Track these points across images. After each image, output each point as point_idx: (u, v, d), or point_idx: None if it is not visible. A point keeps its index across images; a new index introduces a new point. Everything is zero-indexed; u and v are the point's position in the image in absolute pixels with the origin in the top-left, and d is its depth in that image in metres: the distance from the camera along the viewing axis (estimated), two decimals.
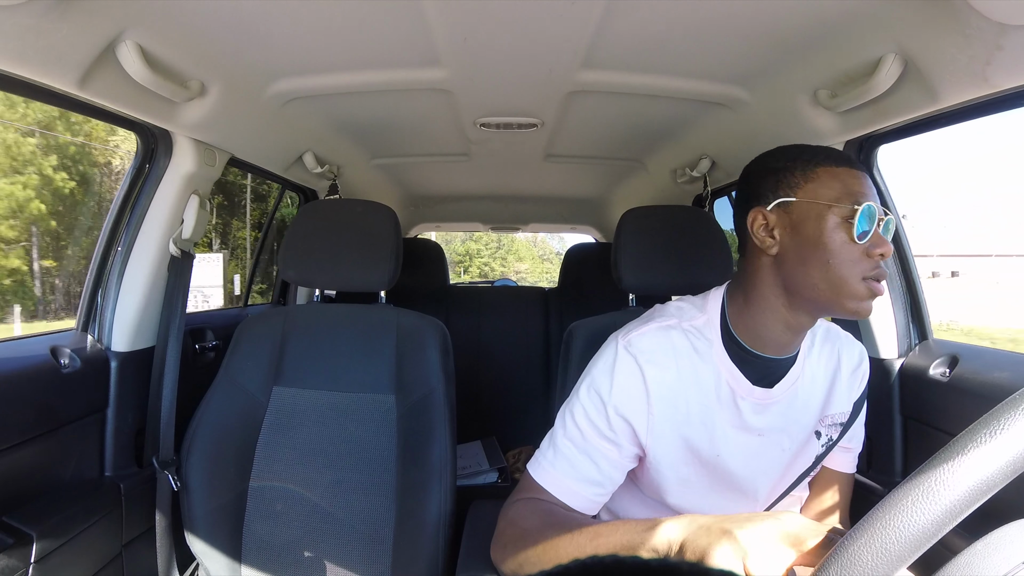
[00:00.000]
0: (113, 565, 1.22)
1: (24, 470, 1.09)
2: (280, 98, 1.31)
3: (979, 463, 0.36)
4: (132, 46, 0.93)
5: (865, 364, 0.99)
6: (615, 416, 0.87)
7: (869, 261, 0.80)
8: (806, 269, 0.82)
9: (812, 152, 0.86)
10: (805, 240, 0.82)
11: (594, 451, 0.87)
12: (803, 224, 0.82)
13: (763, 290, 0.88)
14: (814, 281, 0.81)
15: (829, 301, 0.82)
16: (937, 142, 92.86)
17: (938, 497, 0.37)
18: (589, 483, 0.88)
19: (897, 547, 0.37)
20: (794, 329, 0.88)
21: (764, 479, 0.93)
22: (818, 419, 0.94)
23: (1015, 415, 0.37)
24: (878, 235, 0.81)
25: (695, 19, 0.96)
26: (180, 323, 1.38)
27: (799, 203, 0.83)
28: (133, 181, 1.34)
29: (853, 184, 0.81)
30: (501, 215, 3.44)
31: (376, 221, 1.44)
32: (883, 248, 0.79)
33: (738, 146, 1.56)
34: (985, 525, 0.42)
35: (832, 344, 0.98)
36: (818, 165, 0.84)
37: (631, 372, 0.87)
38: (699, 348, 0.90)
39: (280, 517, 1.30)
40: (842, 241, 0.79)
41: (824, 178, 0.82)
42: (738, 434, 0.90)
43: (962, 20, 0.77)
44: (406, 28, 1.01)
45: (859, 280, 0.79)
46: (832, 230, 0.80)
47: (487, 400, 2.61)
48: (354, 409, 1.36)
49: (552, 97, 1.35)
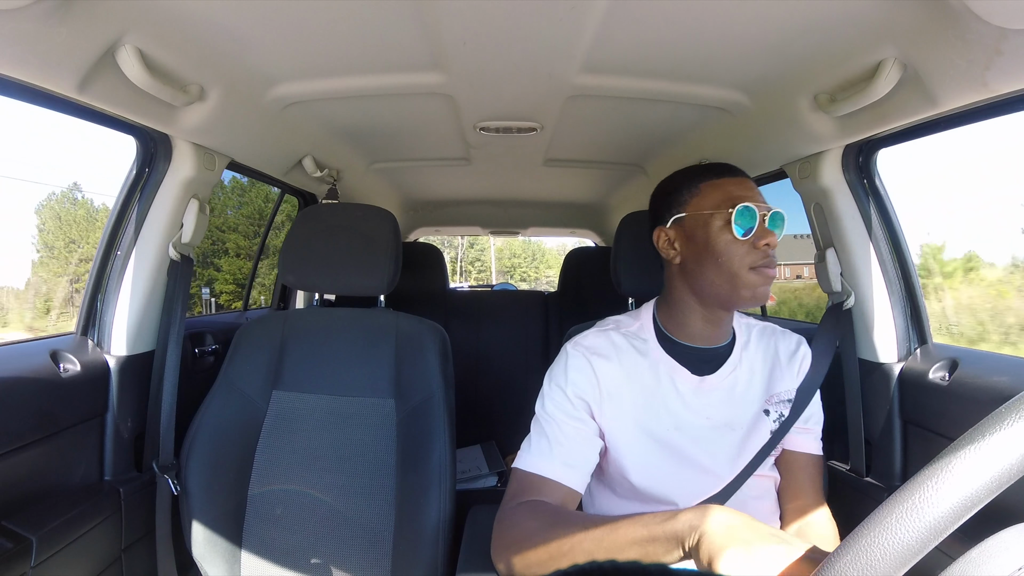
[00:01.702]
0: (112, 569, 1.22)
1: (24, 474, 1.09)
2: (280, 102, 1.31)
3: (963, 479, 0.36)
4: (132, 50, 0.93)
5: (803, 349, 1.10)
6: (574, 397, 0.98)
7: (756, 252, 0.93)
8: (703, 271, 0.97)
9: (696, 171, 1.03)
10: (698, 247, 0.97)
11: (565, 433, 0.96)
12: (695, 233, 0.98)
13: (677, 295, 1.04)
14: (712, 279, 0.96)
15: (728, 294, 0.96)
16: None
17: (922, 514, 0.36)
18: (568, 467, 0.94)
19: (883, 564, 0.37)
20: (713, 322, 1.02)
21: (721, 457, 1.00)
22: (763, 399, 1.04)
23: (999, 429, 0.37)
24: (763, 229, 0.93)
25: (695, 23, 0.96)
26: (180, 327, 1.38)
27: (688, 216, 0.99)
28: (132, 185, 1.34)
29: (731, 190, 0.96)
30: (501, 219, 3.44)
31: (375, 225, 1.44)
32: (767, 239, 0.92)
33: (738, 150, 1.56)
34: (985, 527, 0.42)
35: (768, 338, 1.10)
36: (701, 181, 1.00)
37: (581, 363, 1.01)
38: (637, 346, 1.04)
39: (280, 521, 1.29)
40: (727, 241, 0.94)
41: (706, 191, 0.98)
42: (685, 416, 1.00)
43: (961, 24, 0.77)
44: (406, 32, 1.01)
45: (748, 271, 0.93)
46: (717, 233, 0.95)
47: (486, 404, 2.60)
48: (353, 413, 1.35)
49: (552, 101, 1.35)
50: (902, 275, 1.33)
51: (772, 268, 0.95)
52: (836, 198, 1.32)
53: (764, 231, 0.93)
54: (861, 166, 1.32)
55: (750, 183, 0.99)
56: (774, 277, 0.95)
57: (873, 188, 1.33)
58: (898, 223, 1.33)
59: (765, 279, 0.94)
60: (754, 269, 0.93)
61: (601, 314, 1.27)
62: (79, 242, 17.90)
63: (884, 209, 1.33)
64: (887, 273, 1.32)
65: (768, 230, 0.94)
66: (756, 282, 0.94)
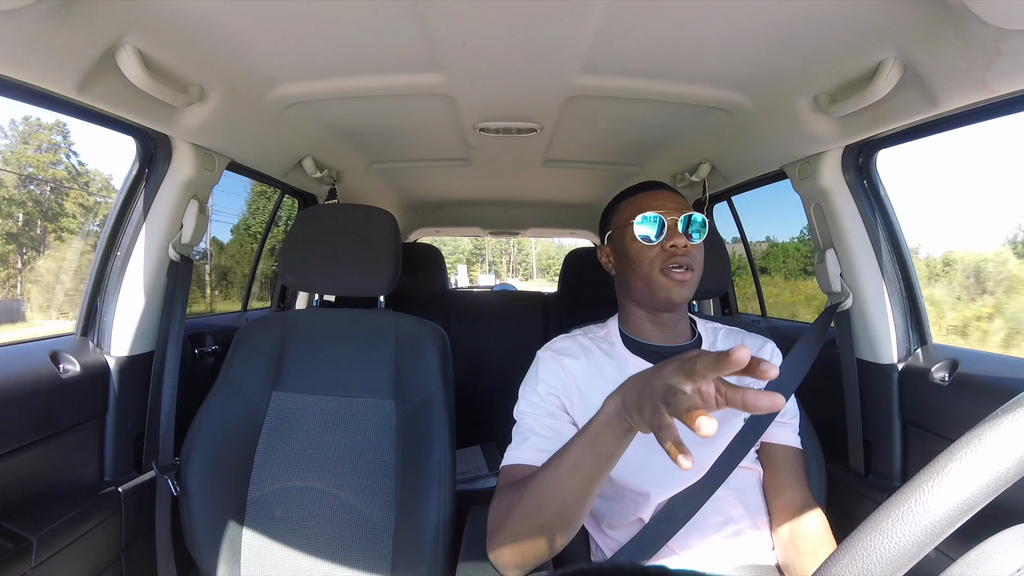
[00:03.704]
0: (112, 570, 1.22)
1: (24, 475, 1.09)
2: (279, 103, 1.31)
3: (959, 482, 0.36)
4: (132, 51, 0.93)
5: (769, 348, 1.15)
6: (546, 395, 1.05)
7: (664, 254, 1.02)
8: (627, 278, 1.09)
9: (621, 193, 1.15)
10: (621, 258, 1.11)
11: (540, 425, 1.01)
12: (618, 247, 1.11)
13: (622, 302, 1.17)
14: (635, 285, 1.07)
15: (648, 297, 1.06)
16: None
17: (920, 518, 0.36)
18: (542, 452, 0.96)
19: (881, 567, 0.37)
20: (658, 323, 1.11)
21: (695, 444, 1.00)
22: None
23: (995, 433, 0.37)
24: (672, 232, 1.02)
25: (694, 24, 0.96)
26: (179, 328, 1.38)
27: (614, 232, 1.13)
28: (132, 186, 1.34)
29: (643, 203, 1.07)
30: (501, 220, 3.44)
31: (375, 226, 1.44)
32: (673, 240, 1.01)
33: (738, 151, 1.56)
34: (985, 527, 0.42)
35: (736, 338, 1.17)
36: (622, 200, 1.13)
37: (552, 363, 1.08)
38: (604, 348, 1.12)
39: (279, 522, 1.29)
40: (638, 248, 1.04)
41: (623, 208, 1.11)
42: None
43: (962, 25, 0.77)
44: (405, 33, 1.01)
45: (658, 273, 1.03)
46: (630, 242, 1.06)
47: (486, 405, 2.60)
48: (353, 414, 1.35)
49: (551, 102, 1.35)
50: (902, 275, 1.34)
51: (682, 269, 1.02)
52: (836, 199, 1.32)
53: (673, 234, 1.02)
54: (861, 167, 1.32)
55: (665, 193, 1.08)
56: (684, 279, 1.02)
57: (873, 189, 1.33)
58: (898, 224, 1.33)
59: (674, 280, 1.02)
60: (663, 271, 1.02)
61: (601, 315, 1.27)
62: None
63: (884, 210, 1.33)
64: (887, 273, 1.32)
65: (677, 233, 1.02)
66: (666, 284, 1.02)
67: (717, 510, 0.99)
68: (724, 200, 2.16)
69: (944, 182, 28.19)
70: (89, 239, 15.79)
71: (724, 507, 1.00)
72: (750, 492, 1.04)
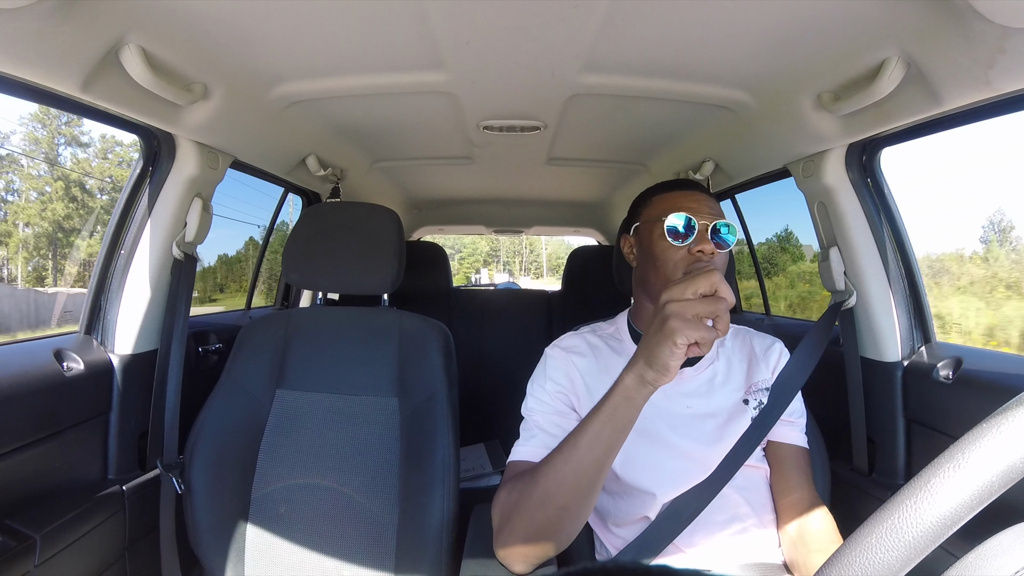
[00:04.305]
0: (116, 568, 1.22)
1: (27, 473, 1.09)
2: (283, 101, 1.31)
3: (963, 481, 0.36)
4: (135, 49, 0.93)
5: (778, 347, 1.16)
6: (554, 392, 1.05)
7: (690, 258, 0.98)
8: (647, 274, 1.06)
9: (656, 187, 1.12)
10: (644, 251, 1.07)
11: (548, 422, 1.02)
12: (644, 240, 1.08)
13: (637, 296, 1.15)
14: (653, 281, 1.04)
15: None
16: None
17: (924, 516, 0.36)
18: (548, 449, 0.94)
19: (884, 565, 0.37)
20: None
21: (703, 442, 1.03)
22: (743, 389, 1.09)
23: (998, 431, 0.36)
24: (702, 237, 0.98)
25: (698, 22, 0.95)
26: (183, 326, 1.38)
27: (641, 225, 1.10)
28: (136, 184, 1.34)
29: (676, 201, 1.04)
30: (504, 218, 3.44)
31: (379, 224, 1.44)
32: (701, 245, 0.97)
33: (741, 149, 1.56)
34: (990, 525, 0.42)
35: (744, 336, 1.18)
36: (654, 195, 1.10)
37: (560, 360, 1.10)
38: (613, 345, 1.13)
39: (283, 519, 1.29)
40: (664, 247, 1.01)
41: (655, 203, 1.08)
42: (665, 405, 1.04)
43: (965, 23, 0.77)
44: (409, 31, 1.02)
45: (680, 274, 0.98)
46: (657, 239, 1.02)
47: (490, 403, 2.60)
48: (357, 412, 1.36)
49: (555, 100, 1.35)
50: (905, 273, 1.33)
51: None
52: (839, 197, 1.31)
53: (702, 239, 0.98)
54: (864, 165, 1.32)
55: (700, 196, 1.05)
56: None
57: (876, 187, 1.32)
58: (901, 222, 1.33)
59: None
60: (686, 274, 0.96)
61: (604, 313, 1.27)
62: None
63: (887, 208, 1.33)
64: (890, 272, 1.31)
65: (706, 238, 0.98)
66: None
67: (723, 508, 0.99)
68: (728, 198, 2.16)
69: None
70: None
71: (730, 505, 1.00)
72: (756, 490, 1.04)
